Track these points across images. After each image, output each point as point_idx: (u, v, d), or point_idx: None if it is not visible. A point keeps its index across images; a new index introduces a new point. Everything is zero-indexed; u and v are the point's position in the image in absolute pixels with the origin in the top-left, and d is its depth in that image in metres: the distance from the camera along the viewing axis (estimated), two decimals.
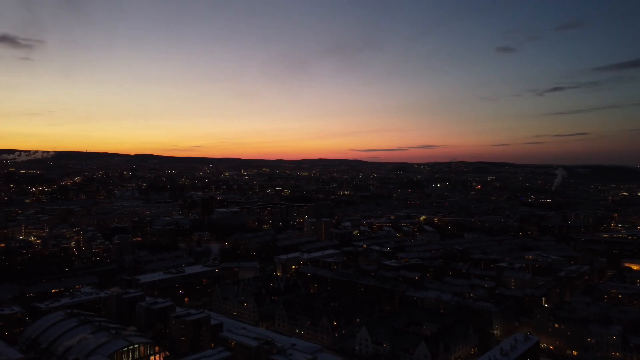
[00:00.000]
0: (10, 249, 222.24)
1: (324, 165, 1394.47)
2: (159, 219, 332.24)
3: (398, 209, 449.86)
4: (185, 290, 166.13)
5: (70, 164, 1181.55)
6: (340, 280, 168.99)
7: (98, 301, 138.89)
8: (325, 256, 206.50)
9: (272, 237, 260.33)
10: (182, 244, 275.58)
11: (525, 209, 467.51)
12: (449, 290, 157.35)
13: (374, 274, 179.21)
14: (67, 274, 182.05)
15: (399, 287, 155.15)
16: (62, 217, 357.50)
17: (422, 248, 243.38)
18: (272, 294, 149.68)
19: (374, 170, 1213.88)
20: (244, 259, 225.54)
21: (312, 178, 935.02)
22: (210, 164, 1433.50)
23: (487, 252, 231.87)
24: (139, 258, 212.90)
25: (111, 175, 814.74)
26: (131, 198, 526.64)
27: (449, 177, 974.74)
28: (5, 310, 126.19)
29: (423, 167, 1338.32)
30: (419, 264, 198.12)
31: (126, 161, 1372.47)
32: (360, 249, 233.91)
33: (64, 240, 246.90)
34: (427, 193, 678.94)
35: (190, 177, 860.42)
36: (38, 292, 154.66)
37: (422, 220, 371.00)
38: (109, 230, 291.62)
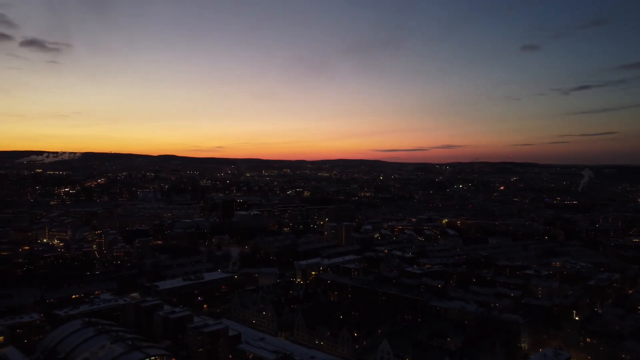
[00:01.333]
0: (34, 253, 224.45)
1: (344, 166, 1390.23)
2: (179, 222, 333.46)
3: (420, 211, 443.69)
4: (204, 297, 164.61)
5: (95, 165, 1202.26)
6: (360, 288, 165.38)
7: (117, 308, 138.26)
8: (345, 262, 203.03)
9: (292, 241, 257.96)
10: (202, 247, 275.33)
11: (550, 211, 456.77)
12: (473, 299, 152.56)
13: (396, 281, 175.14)
14: (88, 279, 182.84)
15: (421, 296, 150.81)
16: (86, 220, 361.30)
17: (444, 253, 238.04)
18: (291, 303, 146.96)
19: (394, 171, 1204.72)
20: (263, 263, 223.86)
21: (332, 179, 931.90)
22: (231, 164, 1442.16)
23: (512, 258, 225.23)
24: (159, 262, 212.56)
25: (134, 177, 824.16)
26: (153, 200, 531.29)
27: (472, 178, 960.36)
28: (25, 318, 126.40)
29: (445, 168, 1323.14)
30: (442, 271, 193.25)
31: (149, 162, 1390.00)
32: (381, 254, 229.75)
33: (86, 244, 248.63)
34: (449, 194, 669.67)
35: (211, 178, 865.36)
36: (58, 298, 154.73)
37: (445, 224, 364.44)
38: (131, 233, 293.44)
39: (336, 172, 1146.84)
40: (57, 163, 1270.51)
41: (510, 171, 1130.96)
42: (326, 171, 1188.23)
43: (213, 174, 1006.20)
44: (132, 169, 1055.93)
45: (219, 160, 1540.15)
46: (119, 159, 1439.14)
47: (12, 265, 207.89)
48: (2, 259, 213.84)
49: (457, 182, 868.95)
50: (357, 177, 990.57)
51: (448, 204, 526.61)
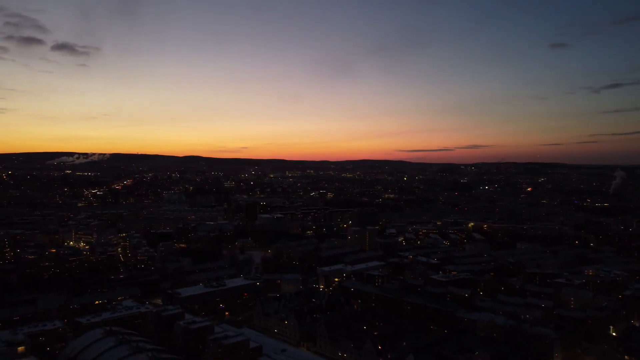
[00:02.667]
0: (59, 256, 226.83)
1: (368, 167, 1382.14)
2: (203, 225, 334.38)
3: (445, 214, 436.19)
4: (226, 304, 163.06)
5: (122, 166, 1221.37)
6: (384, 297, 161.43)
7: (138, 316, 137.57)
8: (369, 268, 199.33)
9: (314, 246, 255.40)
10: (225, 251, 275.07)
11: (580, 214, 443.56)
12: (502, 309, 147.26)
13: (421, 290, 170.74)
14: (111, 284, 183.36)
15: (448, 307, 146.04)
16: (112, 222, 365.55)
17: (471, 260, 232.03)
18: (314, 312, 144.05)
19: (419, 172, 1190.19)
20: (286, 269, 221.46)
21: (356, 180, 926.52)
22: (256, 165, 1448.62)
23: (542, 265, 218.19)
24: (181, 267, 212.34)
25: (160, 178, 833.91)
26: (178, 201, 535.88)
27: (497, 179, 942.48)
28: (47, 325, 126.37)
29: (470, 168, 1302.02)
30: (469, 279, 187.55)
31: (175, 163, 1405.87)
32: (406, 260, 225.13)
33: (110, 247, 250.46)
34: (474, 196, 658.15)
35: (235, 179, 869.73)
36: (82, 304, 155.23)
37: (471, 227, 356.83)
38: (155, 236, 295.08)
39: (360, 172, 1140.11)
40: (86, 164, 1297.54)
41: (538, 172, 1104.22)
42: (350, 172, 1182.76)
43: (237, 174, 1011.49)
44: (158, 169, 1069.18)
45: (243, 161, 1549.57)
46: (145, 159, 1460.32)
47: (39, 269, 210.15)
48: (29, 262, 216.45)
49: (482, 183, 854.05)
50: (380, 178, 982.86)
51: (474, 207, 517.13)
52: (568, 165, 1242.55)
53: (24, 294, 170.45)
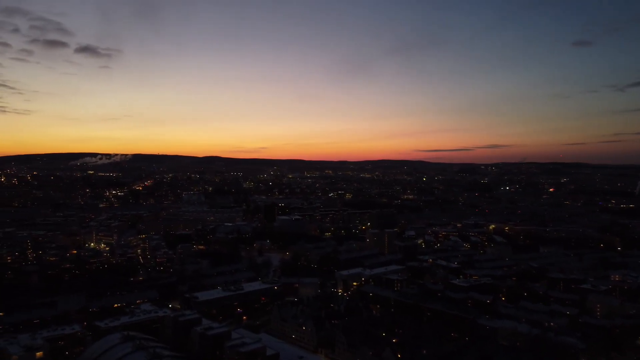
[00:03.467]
0: (80, 258, 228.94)
1: (386, 167, 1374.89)
2: (221, 226, 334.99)
3: (465, 216, 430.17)
4: (244, 308, 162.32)
5: (143, 166, 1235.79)
6: (404, 302, 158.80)
7: (156, 320, 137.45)
8: (388, 272, 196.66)
9: (333, 249, 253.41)
10: (243, 252, 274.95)
11: (605, 215, 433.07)
12: (525, 316, 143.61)
13: (441, 295, 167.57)
14: (130, 286, 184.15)
15: (469, 314, 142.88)
16: (132, 223, 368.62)
17: (492, 264, 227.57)
18: (332, 317, 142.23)
19: (438, 172, 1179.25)
20: (304, 271, 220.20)
21: (374, 180, 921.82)
22: (274, 165, 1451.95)
23: (566, 270, 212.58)
24: (199, 270, 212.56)
25: (180, 179, 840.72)
26: (197, 202, 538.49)
27: (519, 179, 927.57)
28: (66, 330, 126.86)
29: (490, 168, 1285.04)
30: (490, 284, 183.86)
31: (195, 163, 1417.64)
32: (425, 264, 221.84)
33: (130, 249, 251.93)
34: (495, 197, 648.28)
35: (254, 179, 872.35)
36: (101, 307, 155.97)
37: (492, 230, 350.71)
38: (174, 238, 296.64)
39: (378, 173, 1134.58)
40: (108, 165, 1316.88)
41: (560, 172, 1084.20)
42: (368, 172, 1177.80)
43: (256, 175, 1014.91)
44: (178, 170, 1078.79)
45: (262, 161, 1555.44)
46: (166, 160, 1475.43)
47: (59, 271, 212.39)
48: (50, 264, 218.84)
49: (503, 184, 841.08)
50: (399, 178, 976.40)
51: (494, 208, 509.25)
52: (591, 165, 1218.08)
53: (44, 296, 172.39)
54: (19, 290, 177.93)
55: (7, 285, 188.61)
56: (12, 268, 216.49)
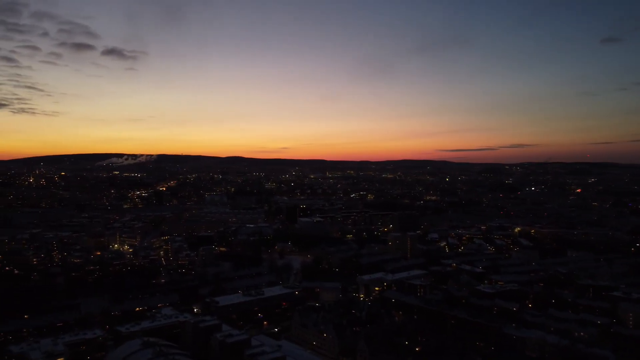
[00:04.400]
0: (104, 260, 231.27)
1: (408, 167, 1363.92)
2: (243, 228, 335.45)
3: (489, 218, 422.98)
4: (264, 313, 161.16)
5: (167, 166, 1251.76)
6: (427, 309, 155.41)
7: (177, 326, 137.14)
8: (410, 277, 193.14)
9: (354, 252, 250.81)
10: (265, 255, 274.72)
11: (635, 218, 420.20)
12: (553, 325, 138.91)
13: (465, 302, 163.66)
14: (152, 289, 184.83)
15: (494, 322, 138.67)
16: (155, 224, 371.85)
17: (518, 269, 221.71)
18: (354, 324, 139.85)
19: (461, 172, 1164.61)
20: (325, 275, 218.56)
21: (396, 181, 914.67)
22: (296, 165, 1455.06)
23: (595, 276, 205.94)
24: (220, 273, 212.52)
25: (202, 179, 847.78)
26: (220, 203, 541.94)
27: (544, 180, 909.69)
28: (88, 334, 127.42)
29: (515, 168, 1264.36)
30: (517, 290, 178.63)
31: (217, 163, 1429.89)
32: (449, 268, 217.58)
33: (153, 251, 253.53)
34: (520, 198, 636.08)
35: (276, 180, 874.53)
36: (122, 311, 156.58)
37: (517, 232, 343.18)
38: (196, 239, 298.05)
39: (400, 173, 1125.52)
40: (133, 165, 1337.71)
41: (587, 172, 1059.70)
42: (390, 172, 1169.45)
43: (278, 175, 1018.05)
44: (201, 170, 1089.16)
45: (284, 162, 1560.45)
46: (189, 160, 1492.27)
47: (84, 273, 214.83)
48: (75, 266, 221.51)
49: (528, 184, 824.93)
50: (421, 178, 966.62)
51: (519, 209, 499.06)
52: (620, 165, 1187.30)
53: (68, 298, 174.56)
54: (45, 292, 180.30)
55: (33, 287, 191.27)
56: (38, 270, 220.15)
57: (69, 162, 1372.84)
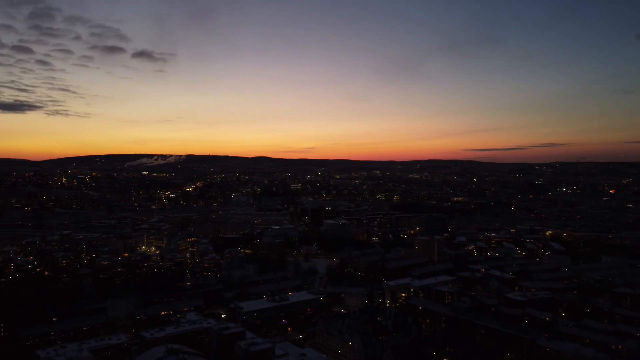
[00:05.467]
0: (131, 262, 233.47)
1: (435, 167, 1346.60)
2: (269, 230, 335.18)
3: (519, 220, 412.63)
4: (289, 319, 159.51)
5: (195, 167, 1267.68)
6: (455, 318, 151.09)
7: (201, 332, 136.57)
8: (438, 283, 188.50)
9: (380, 256, 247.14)
10: (290, 257, 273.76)
11: None
12: (589, 337, 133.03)
13: (495, 310, 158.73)
14: (177, 292, 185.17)
15: (527, 333, 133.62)
16: (182, 226, 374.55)
17: (551, 275, 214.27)
18: (380, 333, 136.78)
19: (489, 172, 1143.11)
20: (351, 280, 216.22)
21: (423, 181, 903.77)
22: (322, 165, 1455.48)
23: (632, 283, 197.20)
24: (245, 277, 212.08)
25: (229, 180, 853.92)
26: (246, 204, 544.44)
27: (576, 180, 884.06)
28: (113, 340, 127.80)
29: (545, 169, 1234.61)
30: (549, 298, 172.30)
31: (244, 164, 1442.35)
32: (477, 274, 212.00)
33: (179, 253, 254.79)
34: (551, 199, 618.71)
35: (302, 180, 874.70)
36: (148, 315, 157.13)
37: (548, 236, 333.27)
38: (222, 241, 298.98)
39: (427, 173, 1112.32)
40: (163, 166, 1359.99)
41: (622, 172, 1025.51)
42: (417, 172, 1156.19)
43: (304, 175, 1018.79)
44: (228, 170, 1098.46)
45: (309, 162, 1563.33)
46: (217, 161, 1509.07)
47: (111, 275, 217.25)
48: (103, 268, 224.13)
49: (559, 185, 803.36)
50: (449, 179, 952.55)
51: (550, 211, 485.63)
52: None
53: (96, 300, 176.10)
54: (73, 294, 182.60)
55: (63, 288, 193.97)
56: (68, 272, 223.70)
57: (100, 163, 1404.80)
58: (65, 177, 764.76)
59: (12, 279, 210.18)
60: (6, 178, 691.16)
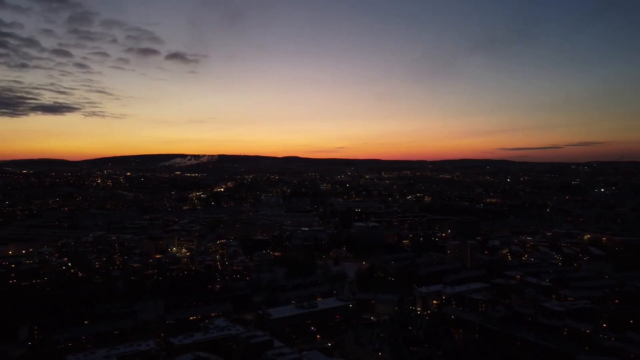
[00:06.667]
0: (161, 264, 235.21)
1: (467, 167, 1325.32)
2: (298, 232, 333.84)
3: (555, 223, 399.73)
4: (317, 327, 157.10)
5: (226, 167, 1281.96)
6: (489, 329, 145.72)
7: (229, 339, 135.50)
8: (471, 291, 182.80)
9: (411, 261, 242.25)
10: (319, 260, 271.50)
11: None
12: (633, 352, 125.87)
13: (532, 320, 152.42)
14: (206, 296, 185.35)
15: (566, 347, 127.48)
16: (212, 227, 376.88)
17: (590, 283, 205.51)
18: (410, 344, 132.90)
19: (524, 172, 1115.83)
20: (381, 285, 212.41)
21: (455, 181, 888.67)
22: (352, 165, 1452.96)
23: None
24: (274, 281, 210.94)
25: (259, 180, 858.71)
26: (275, 205, 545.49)
27: (615, 180, 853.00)
28: (142, 346, 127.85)
29: (582, 168, 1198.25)
30: (589, 308, 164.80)
31: (274, 164, 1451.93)
32: (512, 281, 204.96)
33: (209, 256, 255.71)
34: (589, 201, 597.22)
35: (331, 181, 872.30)
36: (177, 320, 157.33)
37: (587, 240, 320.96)
38: (251, 243, 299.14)
39: (459, 173, 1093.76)
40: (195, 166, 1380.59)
41: None
42: (448, 172, 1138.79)
43: (333, 175, 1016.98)
44: (258, 170, 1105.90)
45: (339, 161, 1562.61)
46: (248, 161, 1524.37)
47: (142, 277, 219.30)
48: (134, 270, 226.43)
49: (597, 186, 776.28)
50: (481, 179, 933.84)
51: (588, 214, 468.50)
52: None
53: (127, 302, 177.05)
54: (105, 297, 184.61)
55: (95, 291, 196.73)
56: (100, 273, 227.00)
57: (135, 163, 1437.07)
58: (100, 177, 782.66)
59: (48, 280, 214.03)
60: (45, 178, 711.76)
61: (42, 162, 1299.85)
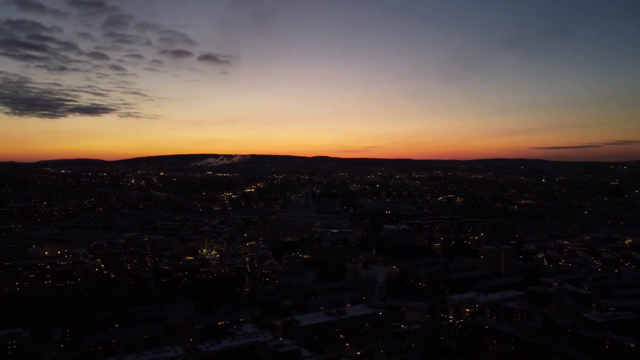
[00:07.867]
0: (191, 267, 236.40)
1: (500, 166, 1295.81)
2: (327, 234, 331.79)
3: (594, 226, 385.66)
4: (346, 334, 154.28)
5: (257, 167, 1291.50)
6: (526, 341, 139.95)
7: (256, 346, 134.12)
8: (505, 299, 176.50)
9: (442, 266, 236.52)
10: (349, 264, 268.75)
11: None
12: None
13: (571, 332, 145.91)
14: (235, 300, 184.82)
15: None
16: (242, 228, 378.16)
17: (632, 291, 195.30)
18: (442, 356, 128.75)
19: (559, 172, 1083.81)
20: (411, 291, 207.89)
21: (487, 182, 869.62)
22: (382, 165, 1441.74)
23: None
24: (303, 286, 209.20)
25: (289, 180, 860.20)
26: (305, 205, 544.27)
27: None
28: (170, 352, 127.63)
29: (621, 168, 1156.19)
30: (633, 320, 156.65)
31: (305, 163, 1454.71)
32: (549, 289, 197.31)
33: (238, 259, 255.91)
34: (629, 202, 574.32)
35: (361, 181, 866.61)
36: (205, 325, 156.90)
37: (628, 245, 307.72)
38: (280, 245, 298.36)
39: (491, 173, 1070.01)
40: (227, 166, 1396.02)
41: None
42: (480, 172, 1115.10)
43: (363, 175, 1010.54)
44: (288, 170, 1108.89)
45: (369, 161, 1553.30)
46: (278, 160, 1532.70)
47: (172, 280, 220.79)
48: (164, 272, 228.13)
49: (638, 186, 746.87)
50: (515, 179, 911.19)
51: (629, 216, 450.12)
52: None
53: (157, 305, 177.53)
54: (136, 299, 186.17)
55: (126, 293, 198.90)
56: (132, 275, 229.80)
57: (168, 163, 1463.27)
58: (134, 177, 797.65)
59: (81, 282, 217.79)
60: (82, 179, 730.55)
61: (80, 162, 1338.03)
